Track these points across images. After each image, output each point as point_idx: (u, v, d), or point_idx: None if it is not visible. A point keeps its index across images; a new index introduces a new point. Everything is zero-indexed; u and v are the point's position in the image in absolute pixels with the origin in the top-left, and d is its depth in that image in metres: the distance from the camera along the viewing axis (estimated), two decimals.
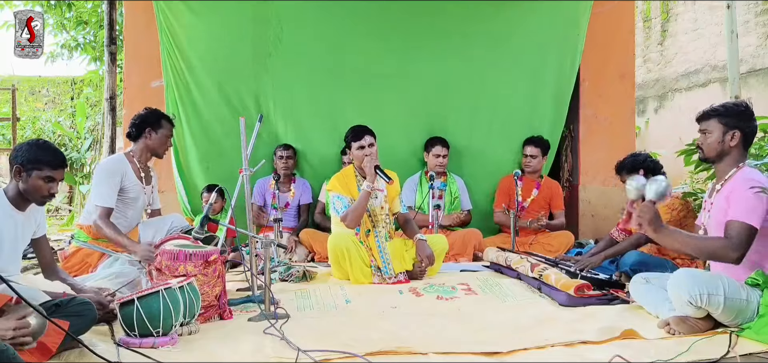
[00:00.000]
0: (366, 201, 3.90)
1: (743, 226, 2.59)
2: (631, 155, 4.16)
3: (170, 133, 3.91)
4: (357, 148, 4.02)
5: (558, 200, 5.27)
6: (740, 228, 2.59)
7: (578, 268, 3.70)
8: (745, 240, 2.58)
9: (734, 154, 2.78)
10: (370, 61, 5.34)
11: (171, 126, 3.92)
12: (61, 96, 11.67)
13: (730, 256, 2.59)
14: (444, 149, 5.15)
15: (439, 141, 5.18)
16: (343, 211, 3.96)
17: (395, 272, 3.88)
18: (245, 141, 3.49)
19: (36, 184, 2.67)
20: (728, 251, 2.59)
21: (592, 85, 5.72)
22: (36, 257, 3.09)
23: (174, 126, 3.99)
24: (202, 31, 5.14)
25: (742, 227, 2.59)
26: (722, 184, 2.80)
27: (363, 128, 4.06)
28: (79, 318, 2.40)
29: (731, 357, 2.35)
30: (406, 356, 2.40)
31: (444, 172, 5.20)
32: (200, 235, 3.28)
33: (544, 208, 5.19)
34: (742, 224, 2.59)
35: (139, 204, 3.84)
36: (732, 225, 2.62)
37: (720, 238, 2.65)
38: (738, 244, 2.58)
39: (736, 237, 2.59)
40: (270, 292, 3.01)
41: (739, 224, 2.59)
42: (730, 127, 2.76)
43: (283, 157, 5.14)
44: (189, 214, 5.23)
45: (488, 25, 5.39)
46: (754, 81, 7.84)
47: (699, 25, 8.91)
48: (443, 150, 5.14)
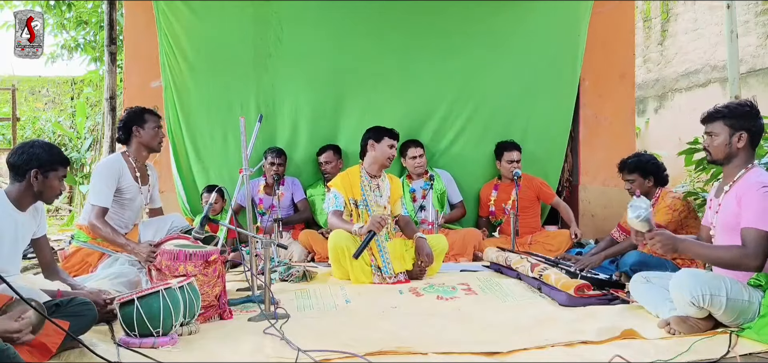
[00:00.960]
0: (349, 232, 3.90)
1: (759, 234, 2.55)
2: (636, 155, 4.16)
3: (158, 124, 3.90)
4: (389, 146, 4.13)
5: (545, 191, 5.28)
6: (756, 236, 2.55)
7: (578, 268, 3.70)
8: (763, 247, 2.55)
9: (742, 156, 2.75)
10: (371, 61, 5.33)
11: (156, 117, 3.91)
12: (61, 96, 11.67)
13: (750, 265, 2.56)
14: (419, 149, 5.16)
15: (413, 143, 5.20)
16: (335, 208, 4.07)
17: (395, 272, 3.88)
18: (245, 141, 3.49)
19: (53, 185, 2.79)
20: (746, 261, 2.56)
21: (592, 85, 5.72)
22: (36, 257, 3.09)
23: (160, 117, 3.98)
24: (202, 32, 5.13)
25: (758, 235, 2.55)
26: (731, 185, 2.75)
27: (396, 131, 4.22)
28: (79, 318, 2.41)
29: (731, 357, 2.35)
30: (406, 356, 2.40)
31: (424, 171, 5.20)
32: (200, 235, 3.28)
33: (534, 205, 5.20)
34: (758, 232, 2.55)
35: (135, 205, 3.84)
36: (748, 233, 2.58)
37: (737, 247, 2.61)
38: (755, 253, 2.55)
39: (753, 246, 2.55)
40: (270, 292, 3.01)
41: (755, 232, 2.56)
42: (736, 128, 2.73)
43: (274, 164, 5.05)
44: (189, 214, 5.23)
45: (488, 26, 5.39)
46: (754, 81, 7.84)
47: (699, 25, 8.90)
48: (419, 150, 5.16)
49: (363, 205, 4.08)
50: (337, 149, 5.27)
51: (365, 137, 4.24)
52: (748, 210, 2.60)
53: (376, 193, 4.15)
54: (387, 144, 4.14)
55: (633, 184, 4.04)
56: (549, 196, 5.27)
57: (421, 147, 5.19)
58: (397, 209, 4.27)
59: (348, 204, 4.09)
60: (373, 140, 4.17)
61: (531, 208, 5.19)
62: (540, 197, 5.26)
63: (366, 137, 4.24)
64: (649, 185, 4.03)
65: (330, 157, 5.19)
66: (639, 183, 4.01)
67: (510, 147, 5.19)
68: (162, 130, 3.94)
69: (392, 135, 4.19)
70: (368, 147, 4.19)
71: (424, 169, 5.17)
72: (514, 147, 5.18)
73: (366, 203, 4.08)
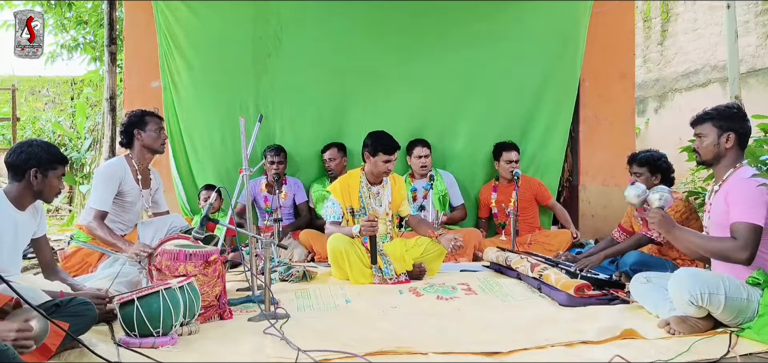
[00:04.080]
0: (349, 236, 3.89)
1: (747, 226, 2.61)
2: (647, 151, 4.16)
3: (159, 126, 3.88)
4: (384, 161, 4.03)
5: (542, 192, 5.28)
6: (745, 229, 2.61)
7: (578, 268, 3.70)
8: (752, 240, 2.60)
9: (730, 156, 2.82)
10: (371, 61, 5.34)
11: (157, 119, 3.89)
12: (61, 96, 11.66)
13: (739, 258, 2.62)
14: (425, 149, 5.15)
15: (420, 142, 5.19)
16: (332, 219, 4.05)
17: (396, 274, 3.88)
18: (245, 141, 3.49)
19: (52, 183, 2.81)
20: (737, 252, 2.62)
21: (592, 85, 5.72)
22: (36, 257, 3.09)
23: (161, 118, 3.97)
24: (202, 32, 5.14)
25: (746, 227, 2.61)
26: (720, 184, 2.82)
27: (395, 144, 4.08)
28: (79, 318, 2.41)
29: (731, 357, 2.35)
30: (406, 356, 2.39)
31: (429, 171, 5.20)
32: (200, 235, 3.27)
33: (532, 205, 5.20)
34: (746, 225, 2.61)
35: (136, 208, 3.84)
36: (737, 227, 2.64)
37: (729, 239, 2.67)
38: (744, 244, 2.60)
39: (742, 238, 2.61)
40: (270, 292, 3.01)
41: (743, 225, 2.62)
42: (724, 129, 2.81)
43: (274, 162, 5.05)
44: (188, 214, 5.23)
45: (488, 26, 5.39)
46: (754, 81, 7.84)
47: (699, 25, 8.91)
48: (425, 150, 5.14)
49: (360, 214, 4.03)
50: (341, 146, 5.26)
51: (364, 144, 4.16)
52: (737, 205, 2.66)
53: (375, 200, 4.12)
54: (382, 160, 4.03)
55: (639, 179, 4.03)
56: (546, 198, 5.28)
57: (427, 147, 5.17)
58: (404, 210, 4.23)
59: (346, 213, 4.07)
60: (368, 153, 4.08)
61: (529, 208, 5.19)
62: (537, 198, 5.26)
63: (364, 146, 4.15)
64: (655, 182, 4.02)
65: (334, 155, 5.20)
66: (646, 178, 4.00)
67: (508, 147, 5.19)
68: (163, 131, 3.93)
69: (388, 150, 4.03)
70: (365, 157, 4.13)
71: (429, 170, 5.16)
72: (512, 147, 5.18)
73: (364, 212, 4.04)
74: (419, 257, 4.03)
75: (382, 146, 4.04)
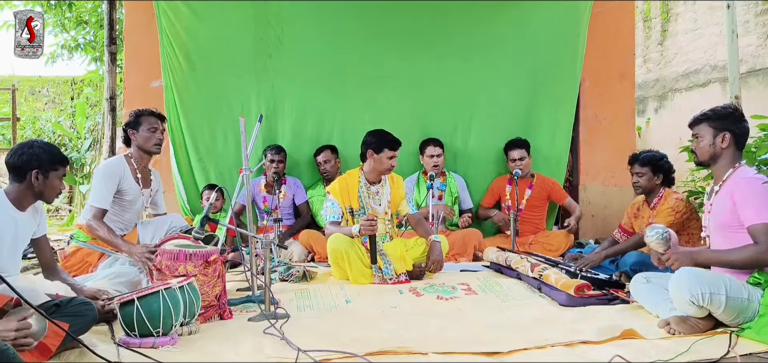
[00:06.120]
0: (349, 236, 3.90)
1: (766, 226, 2.60)
2: (649, 151, 4.16)
3: (153, 126, 3.79)
4: (388, 158, 4.03)
5: (558, 191, 5.25)
6: (764, 229, 2.60)
7: (578, 268, 3.70)
8: None
9: (727, 156, 2.82)
10: (371, 62, 5.34)
11: (154, 119, 3.82)
12: (61, 96, 11.66)
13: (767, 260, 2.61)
14: (438, 149, 5.13)
15: (433, 141, 5.17)
16: (332, 219, 4.04)
17: (397, 274, 3.88)
18: (245, 141, 3.49)
19: (53, 184, 2.82)
20: (764, 256, 2.60)
21: (593, 86, 5.72)
22: (36, 257, 3.09)
23: (163, 119, 3.92)
24: (202, 32, 5.14)
25: (766, 227, 2.60)
26: (721, 185, 2.82)
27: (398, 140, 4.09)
28: (79, 318, 2.41)
29: (731, 357, 2.35)
30: (406, 356, 2.39)
31: (442, 172, 5.19)
32: (200, 235, 3.27)
33: (544, 205, 5.20)
34: (764, 225, 2.60)
35: (136, 207, 3.84)
36: (755, 230, 2.63)
37: (750, 246, 2.65)
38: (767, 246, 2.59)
39: (765, 239, 2.60)
40: (270, 292, 3.01)
41: (762, 226, 2.61)
42: (719, 129, 2.82)
43: (274, 161, 5.02)
44: (189, 213, 5.23)
45: (488, 26, 5.39)
46: (754, 81, 7.84)
47: (699, 25, 8.90)
48: (437, 150, 5.12)
49: (359, 214, 4.02)
50: (334, 149, 5.26)
51: (365, 143, 4.13)
52: (748, 208, 2.64)
53: (374, 200, 4.12)
54: (387, 156, 4.04)
55: (641, 178, 4.02)
56: (561, 197, 5.25)
57: (440, 146, 5.15)
58: (403, 210, 4.23)
59: (345, 213, 4.07)
60: (372, 151, 4.06)
61: (541, 207, 5.18)
62: (551, 197, 5.24)
63: (366, 144, 4.12)
64: (656, 182, 4.02)
65: (328, 157, 5.19)
66: (647, 178, 4.00)
67: (512, 145, 5.17)
68: (159, 132, 3.83)
69: (393, 146, 4.06)
70: (368, 155, 4.09)
71: (442, 170, 5.12)
72: (515, 145, 5.14)
73: (363, 212, 4.03)
74: (419, 257, 4.03)
75: (388, 142, 4.05)
